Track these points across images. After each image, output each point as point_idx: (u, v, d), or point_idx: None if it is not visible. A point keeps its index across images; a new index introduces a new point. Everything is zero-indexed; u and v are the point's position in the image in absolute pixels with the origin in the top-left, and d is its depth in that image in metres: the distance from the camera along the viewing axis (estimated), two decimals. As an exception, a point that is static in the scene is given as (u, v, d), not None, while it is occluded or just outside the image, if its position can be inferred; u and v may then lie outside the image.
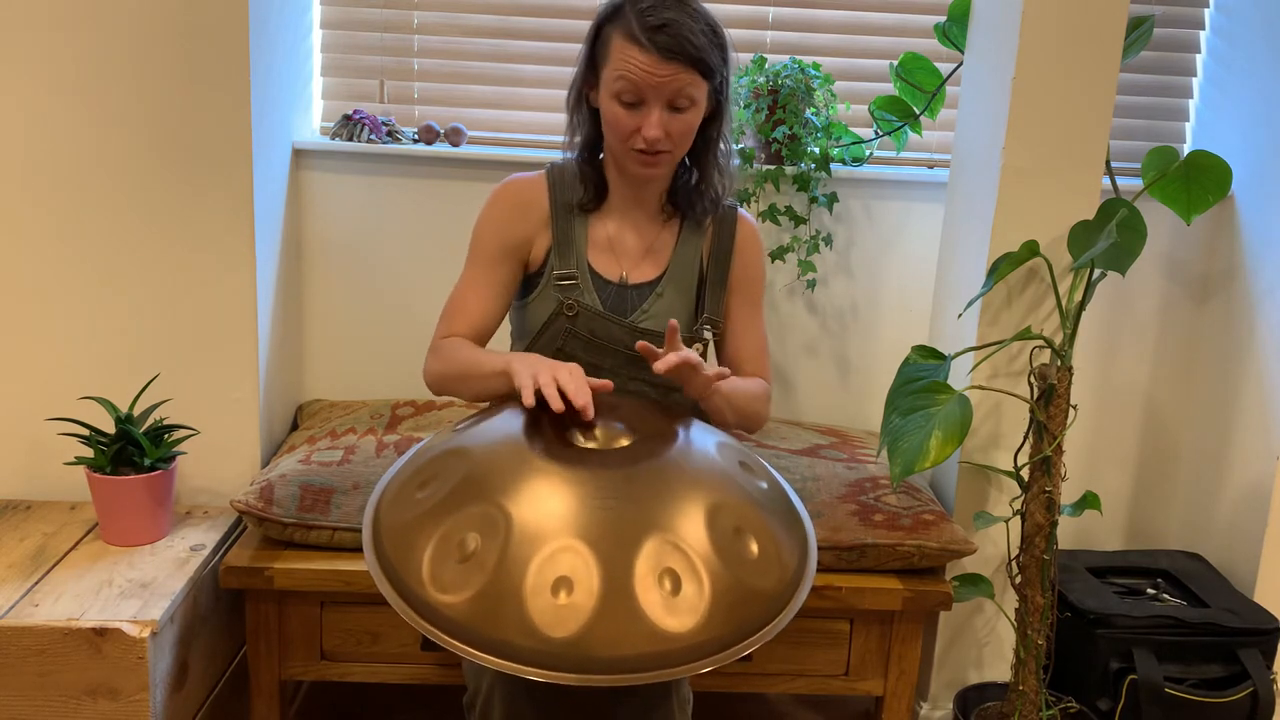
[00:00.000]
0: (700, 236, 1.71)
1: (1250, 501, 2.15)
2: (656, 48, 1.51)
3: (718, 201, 1.70)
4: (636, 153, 1.58)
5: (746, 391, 1.67)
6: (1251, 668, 1.95)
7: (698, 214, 1.70)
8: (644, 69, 1.52)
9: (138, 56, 1.86)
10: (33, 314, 1.95)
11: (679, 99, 1.55)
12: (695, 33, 1.52)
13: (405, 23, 2.26)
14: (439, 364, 1.63)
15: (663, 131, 1.55)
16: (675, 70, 1.52)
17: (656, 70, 1.51)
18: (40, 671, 1.58)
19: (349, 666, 1.84)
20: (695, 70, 1.53)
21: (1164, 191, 1.94)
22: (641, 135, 1.55)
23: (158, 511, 1.84)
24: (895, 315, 2.34)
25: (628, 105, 1.55)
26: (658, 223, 1.70)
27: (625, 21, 1.53)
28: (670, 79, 1.52)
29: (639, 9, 1.53)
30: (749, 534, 1.30)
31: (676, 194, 1.69)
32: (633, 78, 1.52)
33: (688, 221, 1.71)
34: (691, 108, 1.57)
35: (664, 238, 1.70)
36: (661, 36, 1.50)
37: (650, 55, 1.51)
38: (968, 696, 2.04)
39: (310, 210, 2.24)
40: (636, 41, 1.51)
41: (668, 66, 1.51)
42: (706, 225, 1.72)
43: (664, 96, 1.54)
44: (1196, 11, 2.31)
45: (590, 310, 1.65)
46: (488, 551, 1.22)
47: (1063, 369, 1.82)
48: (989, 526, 1.97)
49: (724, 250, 1.71)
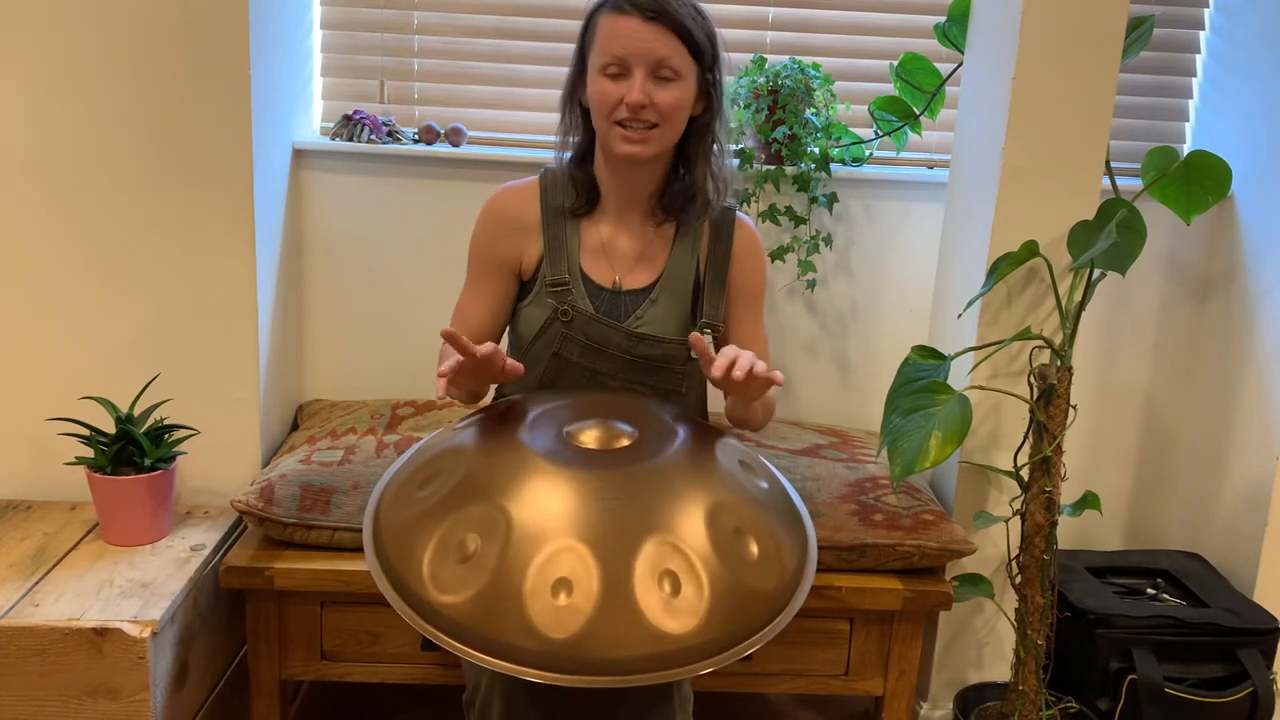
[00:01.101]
0: (696, 241, 1.69)
1: (1250, 501, 2.15)
2: (638, 9, 1.52)
3: (710, 205, 1.66)
4: (621, 128, 1.56)
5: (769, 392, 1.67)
6: (1251, 668, 1.95)
7: (689, 218, 1.66)
8: (626, 33, 1.53)
9: (138, 57, 1.86)
10: (33, 314, 1.95)
11: (662, 68, 1.54)
12: (679, 4, 1.54)
13: (405, 23, 2.26)
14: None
15: (646, 98, 1.54)
16: (658, 33, 1.53)
17: (638, 33, 1.52)
18: (40, 671, 1.58)
19: (349, 666, 1.84)
20: (678, 37, 1.54)
21: (1164, 191, 1.94)
22: (625, 102, 1.54)
23: (158, 511, 1.84)
24: (895, 315, 2.34)
25: (613, 77, 1.55)
26: (651, 227, 1.68)
27: (612, 1, 1.56)
28: (653, 42, 1.53)
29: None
30: (749, 534, 1.30)
31: (668, 197, 1.66)
32: (615, 45, 1.53)
33: (682, 227, 1.68)
34: (678, 81, 1.56)
35: (658, 243, 1.68)
36: (645, 0, 1.53)
37: (632, 19, 1.52)
38: (968, 696, 2.04)
39: (310, 210, 2.24)
40: (620, 9, 1.54)
41: (650, 29, 1.52)
42: (703, 229, 1.69)
43: (647, 63, 1.53)
44: (1196, 11, 2.31)
45: (584, 315, 1.64)
46: (488, 552, 1.22)
47: (1063, 369, 1.82)
48: (989, 526, 1.97)
49: (722, 254, 1.69)
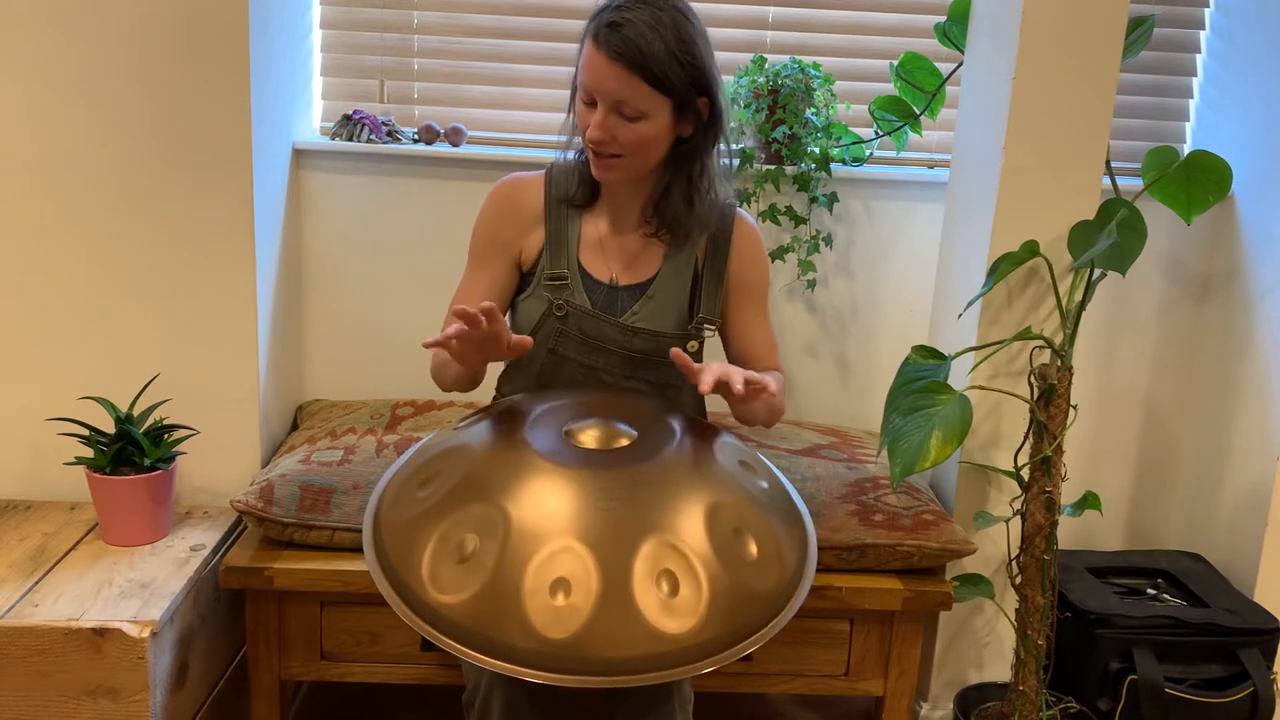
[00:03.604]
0: (690, 244, 1.68)
1: (1250, 501, 2.15)
2: (604, 46, 1.46)
3: (689, 231, 1.62)
4: (591, 151, 1.56)
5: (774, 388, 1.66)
6: (1251, 668, 1.95)
7: (678, 234, 1.63)
8: (595, 66, 1.48)
9: (138, 57, 1.86)
10: (32, 314, 1.95)
11: (625, 107, 1.49)
12: (650, 41, 1.45)
13: (405, 23, 2.26)
14: (434, 358, 1.65)
15: (606, 135, 1.51)
16: (618, 73, 1.46)
17: (603, 70, 1.47)
18: (40, 671, 1.58)
19: (349, 666, 1.84)
20: (641, 78, 1.46)
21: (1164, 191, 1.93)
22: (588, 135, 1.53)
23: (158, 511, 1.84)
24: (895, 315, 2.34)
25: (586, 104, 1.53)
26: (643, 231, 1.67)
27: (595, 18, 1.50)
28: (613, 81, 1.47)
29: (608, 5, 1.49)
30: (748, 534, 1.30)
31: (659, 209, 1.63)
32: (585, 75, 1.50)
33: (675, 235, 1.65)
34: (642, 120, 1.50)
35: (655, 242, 1.68)
36: (612, 36, 1.46)
37: (599, 54, 1.47)
38: (968, 696, 2.04)
39: (310, 210, 2.24)
40: (593, 38, 1.48)
41: (613, 68, 1.46)
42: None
43: (608, 101, 1.49)
44: (1196, 11, 2.31)
45: (580, 310, 1.64)
46: (487, 552, 1.22)
47: (1063, 369, 1.82)
48: (989, 526, 1.97)
49: (720, 250, 1.69)
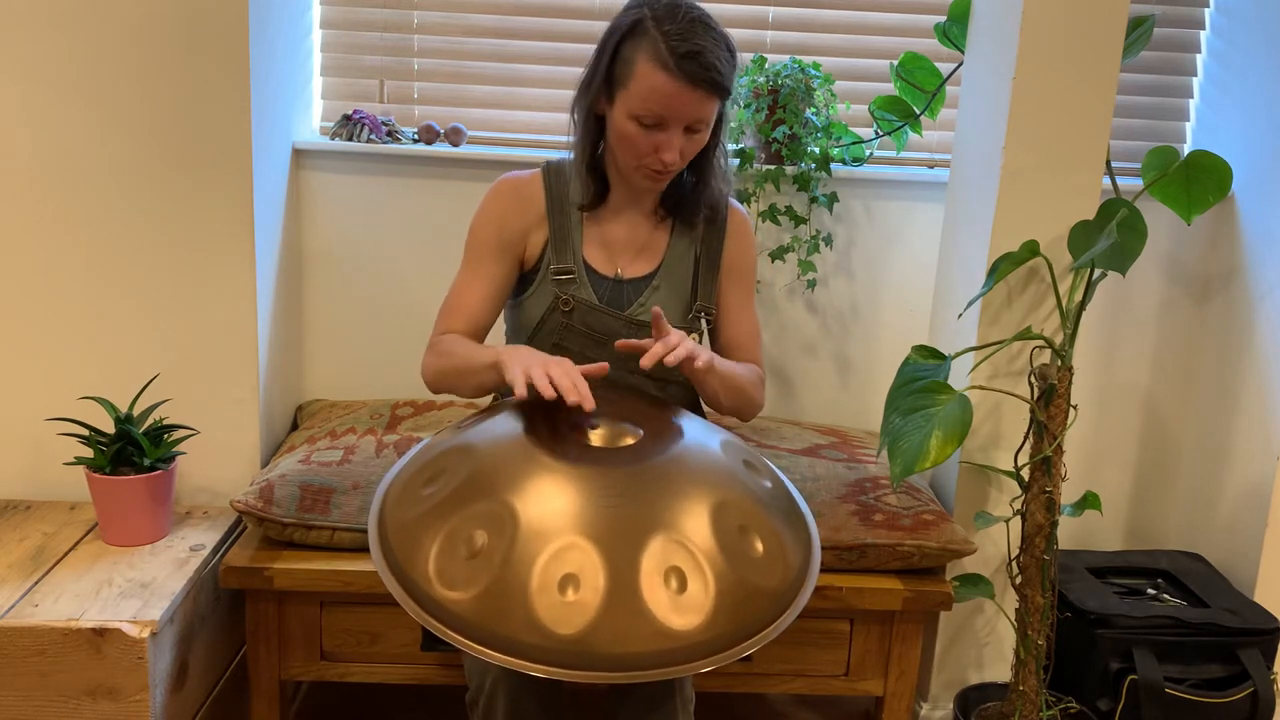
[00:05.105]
0: (693, 230, 1.74)
1: (1250, 501, 2.15)
2: (686, 76, 1.49)
3: (716, 207, 1.71)
4: (647, 170, 1.59)
5: (741, 375, 1.68)
6: (1251, 668, 1.95)
7: (692, 218, 1.71)
8: (670, 96, 1.51)
9: (137, 57, 1.86)
10: (33, 314, 1.94)
11: (697, 123, 1.55)
12: (721, 59, 1.52)
13: (405, 23, 2.25)
14: (435, 360, 1.64)
15: (679, 156, 1.57)
16: (700, 97, 1.52)
17: (683, 97, 1.51)
18: (40, 671, 1.58)
19: (349, 666, 1.84)
20: (717, 96, 1.54)
21: (1164, 191, 1.94)
22: (659, 158, 1.56)
23: (158, 511, 1.83)
24: (895, 315, 2.34)
25: (647, 127, 1.55)
26: (652, 221, 1.72)
27: (651, 43, 1.50)
28: (695, 105, 1.52)
29: (666, 31, 1.50)
30: (753, 532, 1.30)
31: (674, 198, 1.70)
32: (656, 104, 1.52)
33: (680, 220, 1.73)
34: (705, 129, 1.58)
35: (658, 234, 1.72)
36: (691, 65, 1.49)
37: (679, 84, 1.50)
38: (968, 696, 2.04)
39: (310, 210, 2.24)
40: (665, 68, 1.49)
41: (694, 94, 1.51)
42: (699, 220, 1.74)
43: (685, 121, 1.54)
44: (1196, 11, 2.31)
45: (586, 304, 1.66)
46: (494, 548, 1.22)
47: (1063, 369, 1.82)
48: (989, 526, 1.97)
49: (716, 238, 1.74)
